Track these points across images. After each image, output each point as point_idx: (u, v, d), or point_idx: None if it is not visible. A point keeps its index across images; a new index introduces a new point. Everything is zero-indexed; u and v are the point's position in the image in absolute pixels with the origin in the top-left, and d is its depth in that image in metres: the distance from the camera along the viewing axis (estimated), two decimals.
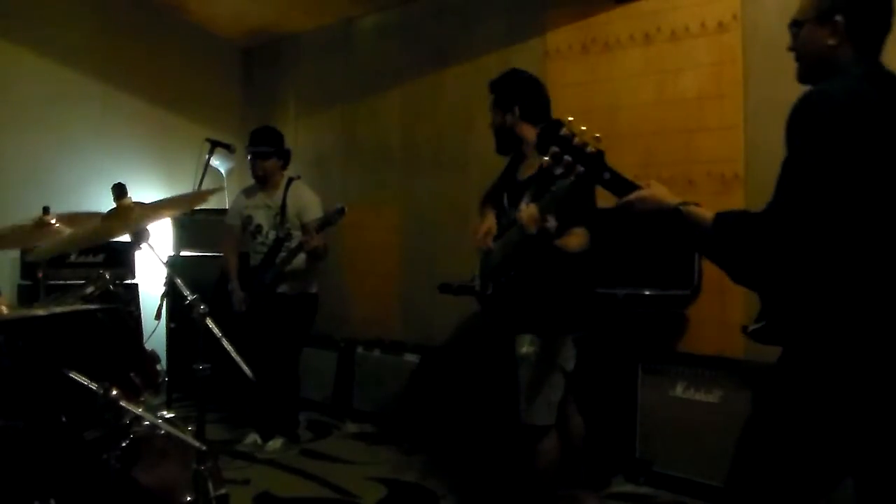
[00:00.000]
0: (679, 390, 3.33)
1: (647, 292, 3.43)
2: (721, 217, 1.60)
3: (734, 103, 3.55)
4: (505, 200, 2.89)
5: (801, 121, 1.52)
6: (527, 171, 2.82)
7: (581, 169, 1.72)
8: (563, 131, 1.72)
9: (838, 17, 1.60)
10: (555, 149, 1.72)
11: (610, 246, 3.62)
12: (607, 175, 1.73)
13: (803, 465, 1.54)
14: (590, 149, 1.71)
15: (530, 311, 2.71)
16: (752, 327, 1.62)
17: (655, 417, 3.38)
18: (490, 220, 2.90)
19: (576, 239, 2.63)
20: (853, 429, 1.49)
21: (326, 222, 3.82)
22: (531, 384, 2.69)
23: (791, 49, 1.72)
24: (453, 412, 4.11)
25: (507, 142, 2.90)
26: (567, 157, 1.71)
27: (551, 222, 2.44)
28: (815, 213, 1.47)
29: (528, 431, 2.72)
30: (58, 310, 2.00)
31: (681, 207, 1.65)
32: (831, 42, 1.62)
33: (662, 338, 3.65)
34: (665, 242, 3.50)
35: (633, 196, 1.72)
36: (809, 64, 1.69)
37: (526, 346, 2.70)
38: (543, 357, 2.68)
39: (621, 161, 2.59)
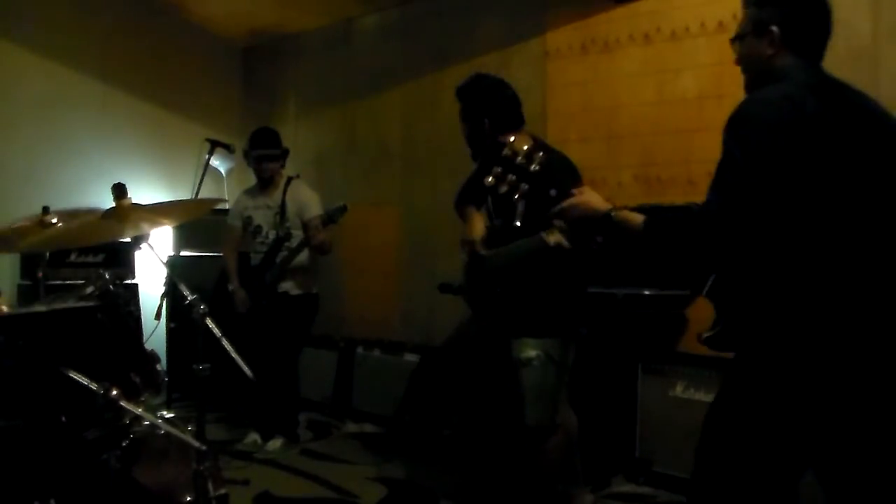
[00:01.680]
0: (679, 390, 3.33)
1: (647, 292, 3.43)
2: (650, 224, 1.66)
3: (734, 103, 3.51)
4: (489, 204, 2.87)
5: (735, 126, 1.58)
6: None
7: (526, 187, 1.76)
8: (505, 151, 1.77)
9: (774, 28, 1.66)
10: (498, 169, 1.76)
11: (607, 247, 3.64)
12: (553, 192, 1.78)
13: (760, 460, 1.57)
14: (533, 167, 1.76)
15: (530, 314, 2.69)
16: (706, 334, 1.68)
17: (655, 417, 3.38)
18: (480, 225, 2.88)
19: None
20: (802, 422, 1.52)
21: (329, 219, 3.85)
22: (537, 387, 2.68)
23: (735, 62, 1.80)
24: (453, 412, 4.11)
25: (483, 149, 2.83)
26: (511, 176, 1.75)
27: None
28: (744, 216, 1.51)
29: (535, 433, 2.72)
30: (58, 306, 2.00)
31: (611, 213, 1.72)
32: (769, 52, 1.68)
33: (662, 338, 3.65)
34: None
35: (564, 203, 1.78)
36: (752, 75, 1.76)
37: (528, 350, 2.67)
38: (548, 359, 2.67)
39: (621, 161, 2.60)
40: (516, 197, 1.77)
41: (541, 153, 1.76)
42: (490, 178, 1.78)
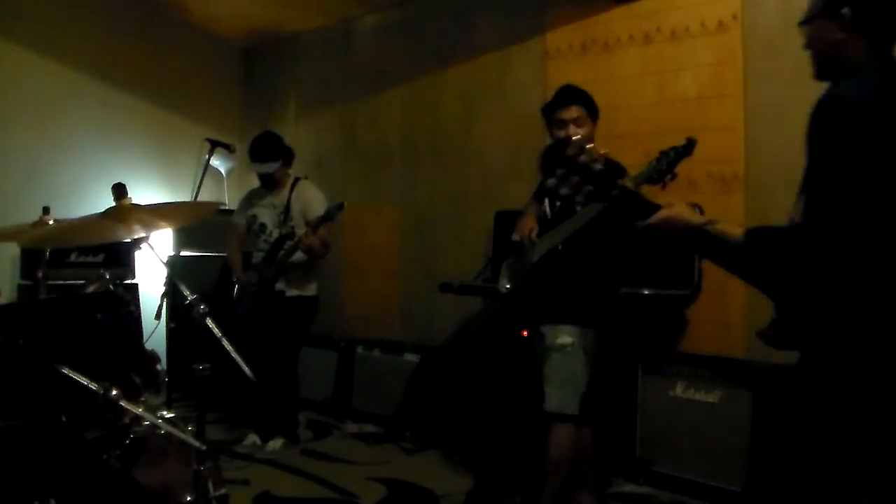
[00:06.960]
0: (679, 390, 3.33)
1: (646, 292, 3.43)
2: (752, 234, 1.54)
3: (734, 103, 3.55)
4: (546, 207, 2.98)
5: (823, 126, 1.46)
6: None
7: (590, 188, 1.63)
8: (569, 151, 1.64)
9: (845, 10, 1.56)
10: (561, 170, 1.63)
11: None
12: (615, 192, 1.65)
13: (821, 473, 1.50)
14: (597, 167, 1.63)
15: (571, 302, 2.78)
16: (769, 332, 1.59)
17: (655, 417, 3.38)
18: (533, 220, 2.97)
19: None
20: (874, 439, 1.44)
21: (326, 218, 3.87)
22: (564, 374, 2.76)
23: (805, 47, 1.67)
24: (453, 412, 4.11)
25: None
26: (574, 177, 1.63)
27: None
28: (850, 225, 1.42)
29: (554, 419, 2.77)
30: (55, 296, 2.00)
31: (706, 227, 1.60)
32: (840, 36, 1.58)
33: (662, 338, 3.65)
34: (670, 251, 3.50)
35: (656, 218, 1.65)
36: (822, 60, 1.65)
37: (564, 337, 2.76)
38: (581, 348, 2.76)
39: (621, 161, 2.59)
40: (578, 200, 1.68)
41: (604, 151, 1.67)
42: (551, 181, 1.69)
